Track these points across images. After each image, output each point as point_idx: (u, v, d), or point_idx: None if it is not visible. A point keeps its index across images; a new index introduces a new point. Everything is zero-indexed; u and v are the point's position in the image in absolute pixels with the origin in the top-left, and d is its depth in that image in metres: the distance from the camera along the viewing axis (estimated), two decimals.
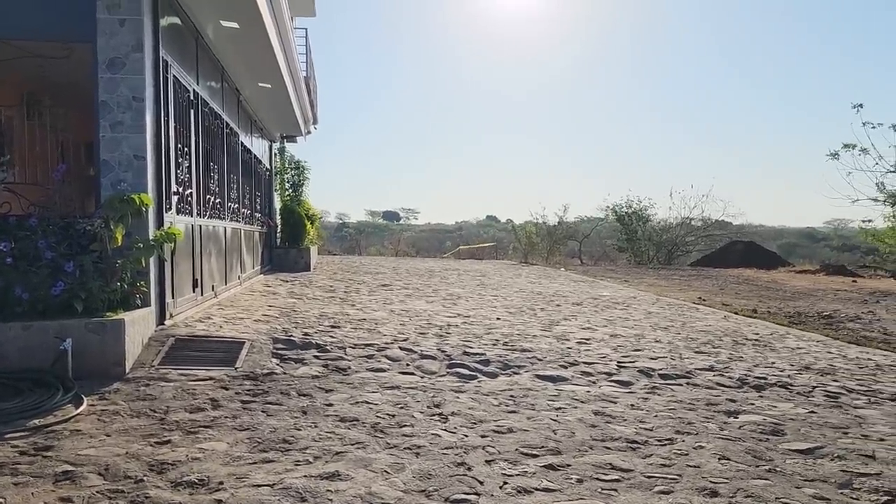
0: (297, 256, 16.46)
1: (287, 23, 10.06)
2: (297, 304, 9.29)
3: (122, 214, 5.70)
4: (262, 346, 6.25)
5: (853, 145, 22.07)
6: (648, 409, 4.93)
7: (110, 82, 5.99)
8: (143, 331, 5.84)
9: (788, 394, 5.54)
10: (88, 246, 5.60)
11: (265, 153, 16.06)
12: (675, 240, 30.44)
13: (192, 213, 7.84)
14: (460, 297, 11.40)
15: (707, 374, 6.08)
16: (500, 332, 7.63)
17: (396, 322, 8.04)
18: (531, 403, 4.95)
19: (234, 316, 7.78)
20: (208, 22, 8.29)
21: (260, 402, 4.68)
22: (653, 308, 10.83)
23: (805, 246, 48.53)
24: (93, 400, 4.59)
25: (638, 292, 13.80)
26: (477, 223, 67.18)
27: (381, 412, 4.56)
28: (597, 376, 5.87)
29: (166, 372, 5.32)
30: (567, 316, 9.41)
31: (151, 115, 6.24)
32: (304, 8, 17.98)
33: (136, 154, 6.06)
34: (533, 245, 28.07)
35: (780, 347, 7.56)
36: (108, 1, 5.94)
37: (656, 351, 6.98)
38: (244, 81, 11.27)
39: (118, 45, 5.97)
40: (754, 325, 9.37)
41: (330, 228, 47.74)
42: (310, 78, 16.77)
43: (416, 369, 5.86)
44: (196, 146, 8.03)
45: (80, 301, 5.31)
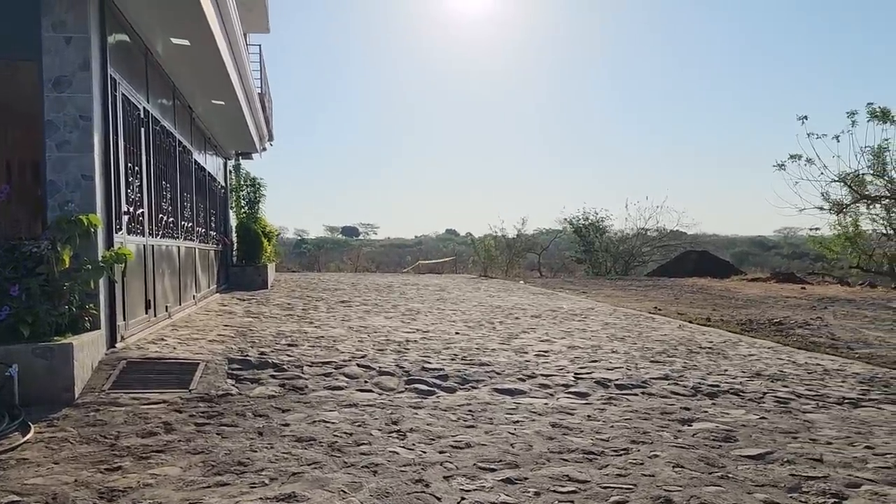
0: (254, 274, 16.28)
1: (239, 39, 10.00)
2: (253, 323, 9.17)
3: (70, 236, 5.57)
4: (217, 366, 6.15)
5: (799, 156, 22.76)
6: (605, 419, 4.98)
7: (56, 101, 5.87)
8: (92, 354, 5.70)
9: (740, 400, 5.66)
10: (35, 268, 5.46)
11: (220, 170, 15.87)
12: (631, 250, 30.96)
13: (143, 232, 7.70)
14: (419, 312, 11.39)
15: (662, 383, 6.17)
16: (458, 347, 7.64)
17: (355, 339, 8.00)
18: (489, 417, 4.96)
19: (189, 336, 7.64)
20: (158, 39, 8.19)
21: (215, 425, 4.60)
22: (610, 319, 10.97)
23: (756, 254, 49.79)
24: (41, 427, 4.45)
25: (596, 303, 13.97)
26: (437, 237, 67.33)
27: (338, 431, 4.52)
28: (554, 388, 5.91)
29: (117, 396, 5.20)
30: (526, 329, 9.48)
31: (99, 134, 6.12)
32: (257, 24, 17.88)
33: (83, 174, 5.94)
34: (492, 258, 28.25)
35: (732, 355, 7.72)
36: (53, 19, 5.83)
37: (613, 361, 7.07)
38: (197, 98, 11.15)
39: (64, 63, 5.86)
40: (708, 333, 9.56)
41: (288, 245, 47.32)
42: (265, 94, 16.67)
43: (374, 386, 5.83)
44: (147, 165, 7.90)
45: (26, 325, 5.16)
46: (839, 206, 23.05)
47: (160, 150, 8.75)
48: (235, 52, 9.84)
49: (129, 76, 7.22)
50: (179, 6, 7.06)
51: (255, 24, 17.48)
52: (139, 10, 7.15)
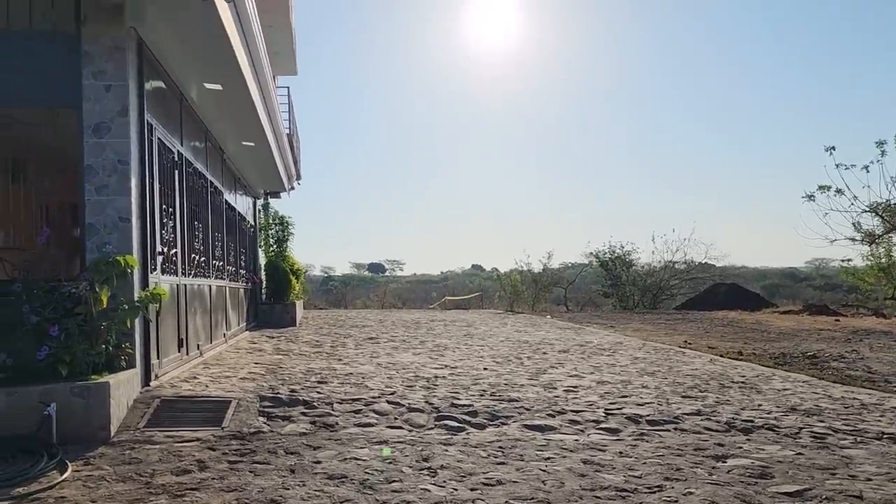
0: (283, 312, 16.42)
1: (269, 82, 10.28)
2: (283, 361, 9.25)
3: (108, 277, 5.72)
4: (248, 404, 6.21)
5: (828, 186, 22.54)
6: (637, 456, 4.94)
7: (96, 146, 6.08)
8: (128, 393, 5.80)
9: (776, 436, 5.57)
10: (73, 309, 5.60)
11: (249, 210, 16.15)
12: (659, 284, 30.65)
13: (176, 272, 7.86)
14: (447, 347, 11.40)
15: (695, 418, 6.10)
16: (487, 383, 7.63)
17: (383, 375, 8.03)
18: (520, 454, 4.94)
19: (220, 374, 7.73)
20: (192, 84, 8.46)
21: (247, 462, 4.65)
22: (639, 353, 10.87)
23: (788, 286, 49.00)
24: (78, 465, 4.53)
25: (624, 338, 13.86)
26: (462, 273, 67.31)
27: (369, 468, 4.54)
28: (585, 424, 5.87)
29: (152, 434, 5.27)
30: (554, 364, 9.43)
31: (136, 177, 6.31)
32: (285, 67, 18.35)
33: (121, 216, 6.11)
34: (518, 293, 28.21)
35: (766, 389, 7.61)
36: (93, 67, 6.07)
37: (644, 397, 7.01)
38: (228, 140, 11.43)
39: (104, 110, 6.08)
40: (740, 367, 9.43)
41: (315, 282, 47.66)
42: (293, 135, 17.02)
43: (403, 423, 5.84)
44: (180, 206, 8.10)
45: (64, 365, 5.29)
46: (871, 236, 22.73)
47: (193, 191, 8.97)
48: (265, 94, 10.11)
49: (165, 120, 7.45)
50: (213, 53, 7.31)
51: (283, 66, 17.95)
52: (175, 58, 7.41)
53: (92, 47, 6.06)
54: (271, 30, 13.13)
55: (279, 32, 16.18)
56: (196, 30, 6.69)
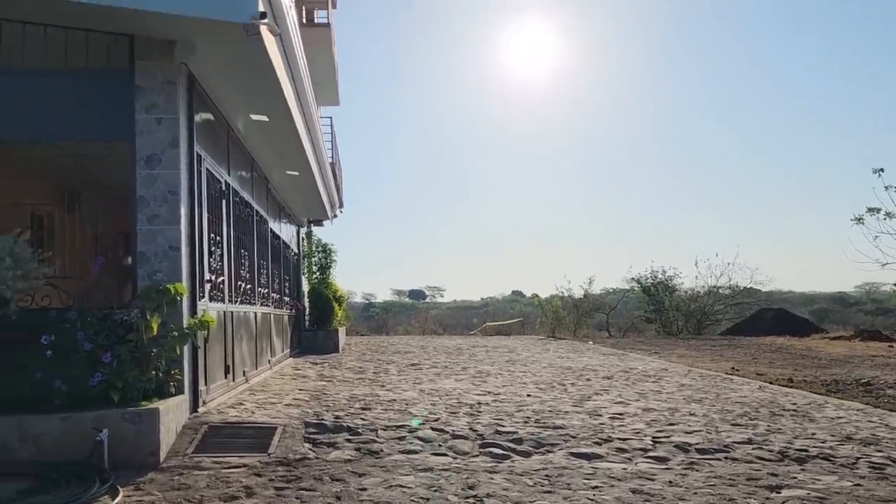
0: (326, 338, 16.55)
1: (313, 113, 10.49)
2: (327, 387, 9.31)
3: (158, 304, 5.84)
4: (294, 430, 6.26)
5: (877, 209, 21.88)
6: (687, 485, 4.82)
7: (148, 178, 6.26)
8: (177, 419, 5.90)
9: (831, 466, 5.39)
10: (125, 336, 5.73)
11: (293, 238, 16.41)
12: (703, 309, 30.05)
13: (223, 299, 8.01)
14: (489, 374, 11.34)
15: (746, 447, 5.95)
16: (531, 409, 7.56)
17: (427, 402, 8.01)
18: (567, 482, 4.88)
19: (266, 401, 7.82)
20: (239, 116, 8.68)
21: (293, 489, 4.67)
22: (685, 380, 10.66)
23: (837, 311, 47.60)
24: (128, 490, 4.61)
25: (669, 364, 13.61)
26: (503, 299, 66.95)
27: (415, 496, 4.52)
28: (632, 452, 5.77)
29: (200, 460, 5.34)
30: (598, 390, 9.31)
31: (186, 207, 6.48)
32: (328, 98, 18.73)
33: (171, 245, 6.27)
34: (560, 319, 27.94)
35: (819, 417, 7.38)
36: (146, 101, 6.28)
37: (692, 424, 6.86)
38: (273, 170, 11.67)
39: (155, 142, 6.27)
40: (791, 394, 9.18)
41: (357, 309, 47.92)
42: (335, 164, 17.30)
43: (448, 450, 5.82)
44: (227, 235, 8.27)
45: (116, 391, 5.41)
46: None
47: (239, 219, 9.16)
48: (309, 125, 10.31)
49: (213, 151, 7.65)
50: (260, 85, 7.50)
51: (326, 97, 18.32)
52: (223, 90, 7.63)
53: (145, 82, 6.28)
54: (314, 62, 13.41)
55: (322, 65, 16.55)
56: (243, 63, 6.88)
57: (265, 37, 6.16)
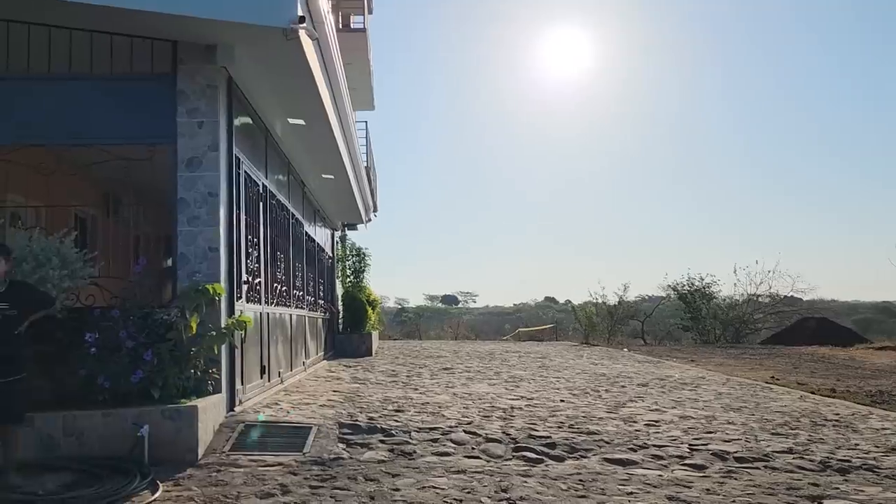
0: (359, 341, 16.63)
1: (350, 118, 10.59)
2: (360, 389, 9.36)
3: (197, 304, 5.95)
4: (328, 430, 6.30)
5: None
6: (725, 493, 4.74)
7: (188, 180, 6.38)
8: (214, 417, 5.99)
9: (876, 477, 5.25)
10: (165, 335, 5.85)
11: (328, 241, 16.55)
12: (742, 317, 29.51)
13: (260, 301, 8.11)
14: (522, 379, 11.29)
15: (786, 456, 5.82)
16: (564, 415, 7.51)
17: (460, 405, 8.01)
18: (601, 488, 4.83)
19: (301, 401, 7.89)
20: (277, 120, 8.80)
21: (328, 488, 4.71)
22: (723, 388, 10.48)
23: (882, 321, 46.29)
24: (167, 486, 4.69)
25: (706, 372, 13.39)
26: (536, 305, 66.56)
27: (448, 497, 4.52)
28: (668, 459, 5.69)
29: (236, 458, 5.41)
30: (633, 397, 9.20)
31: (225, 209, 6.59)
32: (364, 102, 18.88)
33: (210, 246, 6.38)
34: (593, 326, 27.70)
35: (863, 428, 7.20)
36: (187, 105, 6.41)
37: (730, 433, 6.74)
38: (309, 173, 11.79)
39: (196, 145, 6.40)
40: (833, 405, 8.96)
41: (390, 313, 48.09)
42: (370, 168, 17.40)
43: (481, 453, 5.80)
44: (264, 237, 8.38)
45: (156, 388, 5.52)
46: None
47: (275, 222, 9.27)
48: (345, 129, 10.41)
49: (251, 154, 7.76)
50: (298, 89, 7.60)
51: (361, 102, 18.45)
52: (261, 94, 7.74)
53: (186, 86, 6.41)
54: (350, 67, 13.53)
55: (357, 69, 16.68)
56: (282, 67, 6.97)
57: (304, 41, 6.24)
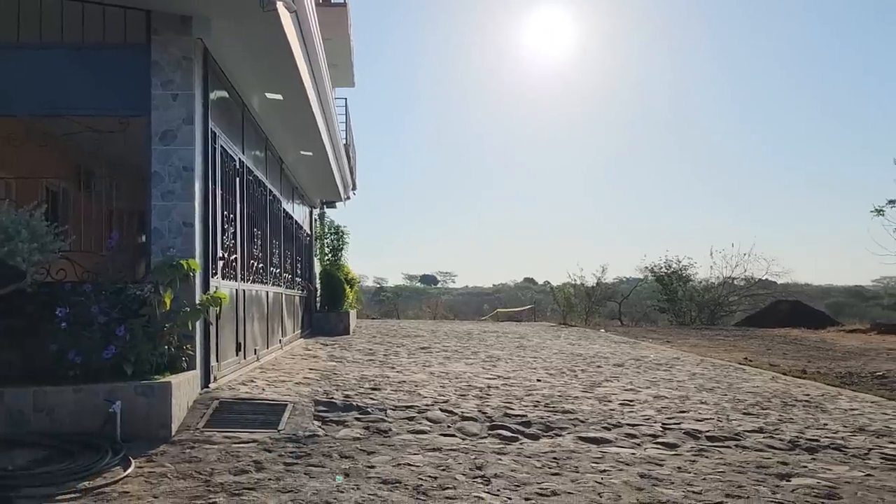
0: (337, 320, 16.60)
1: (328, 93, 10.45)
2: (337, 367, 9.34)
3: (171, 279, 5.87)
4: (304, 408, 6.29)
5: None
6: (696, 471, 4.80)
7: (163, 154, 6.27)
8: (188, 393, 5.94)
9: (843, 456, 5.35)
10: (138, 310, 5.77)
11: (306, 219, 16.43)
12: (717, 300, 29.90)
13: (236, 277, 8.03)
14: (500, 359, 11.34)
15: (756, 435, 5.91)
16: (540, 394, 7.55)
17: (436, 384, 8.02)
18: (575, 466, 4.87)
19: (276, 379, 7.85)
20: (254, 94, 8.67)
21: (303, 465, 4.69)
22: (697, 369, 10.61)
23: (854, 305, 47.08)
24: (140, 462, 4.65)
25: (681, 353, 13.55)
26: (515, 286, 66.84)
27: (423, 474, 4.53)
28: (641, 438, 5.75)
29: (211, 434, 5.38)
30: (609, 377, 9.28)
31: (200, 183, 6.49)
32: (343, 79, 18.66)
33: (185, 221, 6.29)
34: (571, 307, 27.92)
35: (832, 409, 7.32)
36: (162, 78, 6.28)
37: (702, 412, 6.83)
38: (287, 150, 11.67)
39: (171, 118, 6.28)
40: (804, 385, 9.11)
41: (368, 292, 48.02)
42: (349, 145, 17.26)
43: (457, 431, 5.82)
44: (241, 213, 8.29)
45: (129, 364, 5.45)
46: None
47: (252, 198, 9.17)
48: (324, 105, 10.28)
49: (227, 129, 7.65)
50: (275, 63, 7.48)
51: (341, 79, 18.25)
52: (238, 68, 7.62)
53: (161, 58, 6.28)
54: (330, 42, 13.35)
55: (337, 45, 16.47)
56: (259, 40, 6.86)
57: (281, 13, 6.14)
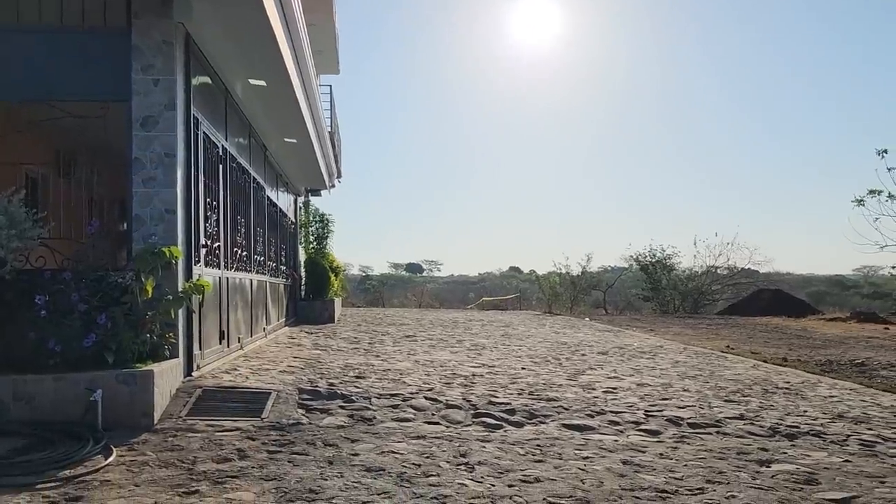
0: (322, 308, 16.56)
1: (313, 80, 10.36)
2: (321, 356, 9.32)
3: (153, 267, 5.81)
4: (287, 396, 6.27)
5: (879, 191, 21.77)
6: (678, 458, 4.84)
7: (144, 140, 6.20)
8: (171, 382, 5.90)
9: (822, 442, 5.41)
10: (120, 298, 5.72)
11: (290, 206, 16.33)
12: (700, 288, 30.16)
13: (219, 265, 7.98)
14: (485, 347, 11.36)
15: (737, 422, 5.97)
16: (525, 382, 7.58)
17: (421, 372, 8.03)
18: (558, 453, 4.89)
19: (260, 367, 7.83)
20: (237, 80, 8.58)
21: (286, 453, 4.68)
22: (680, 357, 10.69)
23: (835, 294, 47.64)
24: (122, 450, 4.62)
25: (664, 341, 13.65)
26: (500, 274, 66.97)
27: (407, 462, 4.53)
28: (624, 425, 5.79)
29: (193, 423, 5.35)
30: (593, 365, 9.33)
31: (182, 170, 6.42)
32: (328, 66, 18.52)
33: (167, 208, 6.22)
34: (556, 295, 28.04)
35: (811, 396, 7.41)
36: (142, 62, 6.19)
37: (684, 400, 6.88)
38: (271, 137, 11.57)
39: (152, 104, 6.20)
40: (785, 373, 9.21)
41: (353, 281, 47.90)
42: (334, 133, 17.15)
43: (441, 419, 5.83)
44: (224, 200, 8.21)
45: (110, 352, 5.40)
46: None
47: (236, 185, 9.09)
48: (308, 91, 10.20)
49: (210, 115, 7.56)
50: (258, 48, 7.39)
51: (326, 66, 18.11)
52: (221, 53, 7.53)
53: (141, 42, 6.19)
54: (314, 28, 13.23)
55: (322, 32, 16.32)
56: (241, 24, 6.78)
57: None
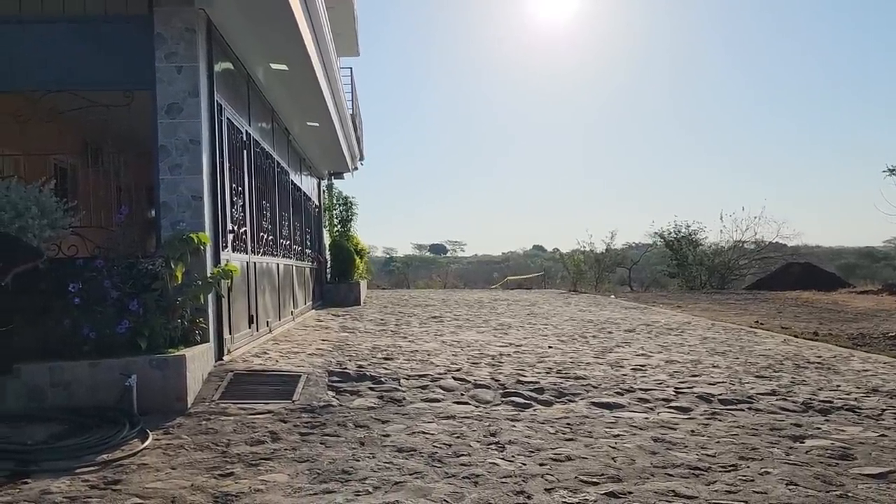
0: (348, 291, 16.66)
1: (334, 63, 10.34)
2: (349, 338, 9.39)
3: (182, 253, 5.88)
4: (317, 379, 6.33)
5: None
6: (710, 434, 4.82)
7: (169, 127, 6.24)
8: (202, 366, 5.98)
9: (856, 417, 5.35)
10: (150, 285, 5.79)
11: (314, 190, 16.39)
12: (727, 263, 29.78)
13: (246, 250, 8.04)
14: (511, 326, 11.36)
15: (769, 398, 5.91)
16: (552, 361, 7.57)
17: (448, 353, 8.06)
18: (588, 431, 4.89)
19: (290, 350, 7.90)
20: (259, 65, 8.59)
21: (318, 434, 4.73)
22: (708, 333, 10.61)
23: (865, 266, 46.79)
24: (157, 434, 4.70)
25: (692, 318, 13.54)
26: (524, 253, 66.78)
27: (437, 442, 4.56)
28: (654, 403, 5.77)
29: (226, 406, 5.43)
30: (620, 343, 9.29)
31: (207, 156, 6.46)
32: (348, 48, 18.45)
33: (193, 195, 6.27)
34: (581, 273, 27.89)
35: (844, 370, 7.31)
36: (166, 50, 6.22)
37: (714, 376, 6.83)
38: (293, 121, 11.59)
39: (176, 91, 6.23)
40: (816, 348, 9.10)
41: (378, 263, 48.10)
42: (356, 115, 17.14)
43: (470, 399, 5.86)
44: (249, 185, 8.26)
45: (143, 338, 5.48)
46: None
47: (260, 171, 9.14)
48: (330, 74, 10.18)
49: (233, 101, 7.59)
50: (279, 33, 7.39)
51: (346, 48, 18.04)
52: (242, 39, 7.53)
53: (164, 29, 6.21)
54: (333, 11, 13.17)
55: (341, 14, 16.26)
56: (262, 9, 6.77)
57: None
